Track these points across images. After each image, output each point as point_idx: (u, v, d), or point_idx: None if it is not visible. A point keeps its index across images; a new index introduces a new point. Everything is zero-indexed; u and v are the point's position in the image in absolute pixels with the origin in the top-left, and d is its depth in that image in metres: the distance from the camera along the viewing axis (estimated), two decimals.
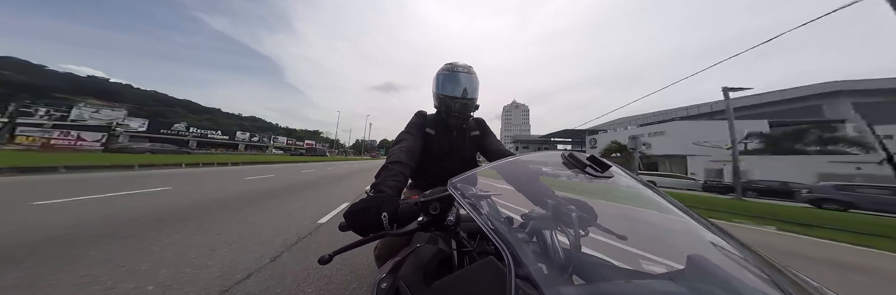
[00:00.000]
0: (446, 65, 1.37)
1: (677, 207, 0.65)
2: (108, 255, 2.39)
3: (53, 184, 5.99)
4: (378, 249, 1.24)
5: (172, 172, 10.33)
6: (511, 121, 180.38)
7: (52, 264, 2.15)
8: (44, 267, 2.10)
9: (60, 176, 7.48)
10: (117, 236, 2.85)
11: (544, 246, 0.64)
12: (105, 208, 3.95)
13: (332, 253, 0.57)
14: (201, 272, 2.17)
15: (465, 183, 0.73)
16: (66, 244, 2.56)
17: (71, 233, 2.86)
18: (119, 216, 3.59)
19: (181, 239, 2.88)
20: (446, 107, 1.34)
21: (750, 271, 0.47)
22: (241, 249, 2.72)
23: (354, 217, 0.65)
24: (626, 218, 0.71)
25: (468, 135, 1.48)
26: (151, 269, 2.18)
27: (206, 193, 5.68)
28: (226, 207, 4.45)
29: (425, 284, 0.59)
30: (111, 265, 2.20)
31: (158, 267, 2.22)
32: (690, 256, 0.51)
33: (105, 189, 5.53)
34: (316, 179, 10.31)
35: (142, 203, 4.42)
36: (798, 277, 0.47)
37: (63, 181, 6.47)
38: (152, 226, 3.27)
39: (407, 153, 1.11)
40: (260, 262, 2.44)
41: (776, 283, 0.44)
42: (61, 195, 4.64)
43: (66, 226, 3.08)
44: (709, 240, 0.56)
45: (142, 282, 1.97)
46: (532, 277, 0.41)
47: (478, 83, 1.36)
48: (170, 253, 2.51)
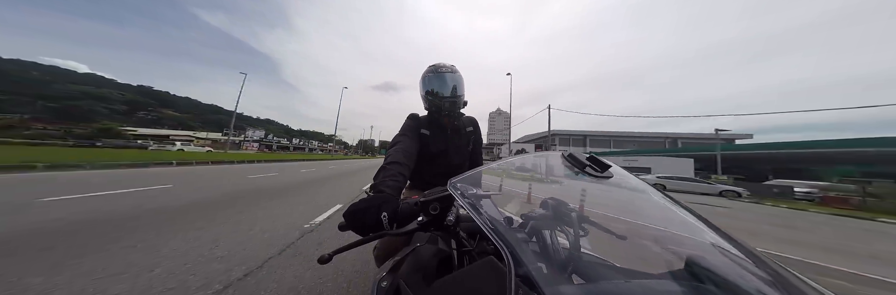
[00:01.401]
0: (430, 67, 1.41)
1: (677, 207, 0.65)
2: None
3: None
4: (378, 248, 1.24)
5: (301, 164, 19.91)
6: (495, 126, 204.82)
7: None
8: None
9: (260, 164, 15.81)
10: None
11: (544, 246, 0.64)
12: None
13: (332, 252, 0.57)
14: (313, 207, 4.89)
15: (464, 183, 0.73)
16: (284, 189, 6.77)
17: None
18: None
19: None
20: (436, 107, 1.37)
21: (749, 272, 0.47)
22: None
23: (354, 217, 0.65)
24: (625, 218, 0.71)
25: (463, 132, 1.51)
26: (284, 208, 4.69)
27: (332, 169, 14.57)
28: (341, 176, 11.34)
29: (425, 283, 0.59)
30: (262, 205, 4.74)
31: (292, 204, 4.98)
32: (690, 256, 0.51)
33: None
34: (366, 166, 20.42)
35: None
36: (797, 277, 0.47)
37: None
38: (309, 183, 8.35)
39: (404, 154, 1.12)
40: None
41: (775, 283, 0.44)
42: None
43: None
44: (708, 240, 0.56)
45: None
46: (532, 277, 0.41)
47: (463, 81, 1.39)
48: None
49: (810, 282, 0.46)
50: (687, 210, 0.64)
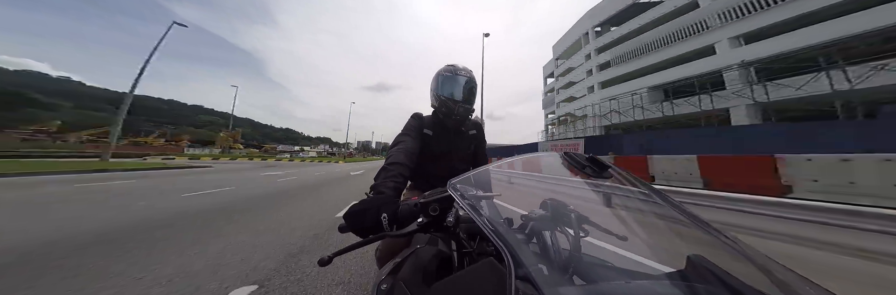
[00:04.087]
0: (449, 66, 1.38)
1: (676, 208, 0.65)
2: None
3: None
4: (379, 250, 1.24)
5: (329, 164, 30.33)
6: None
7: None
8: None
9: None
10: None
11: (544, 247, 0.64)
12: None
13: (332, 254, 0.57)
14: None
15: (464, 184, 0.73)
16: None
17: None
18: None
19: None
20: (447, 109, 1.34)
21: (749, 272, 0.47)
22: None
23: (354, 218, 0.65)
24: (625, 218, 0.71)
25: (466, 134, 1.50)
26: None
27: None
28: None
29: (425, 285, 0.59)
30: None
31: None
32: (690, 257, 0.51)
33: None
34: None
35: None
36: (797, 277, 0.47)
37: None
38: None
39: (405, 154, 1.12)
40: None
41: (775, 283, 0.44)
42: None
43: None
44: (708, 240, 0.56)
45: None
46: (532, 278, 0.41)
47: (477, 88, 1.38)
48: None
49: (810, 281, 0.46)
50: (686, 211, 0.64)
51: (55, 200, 5.30)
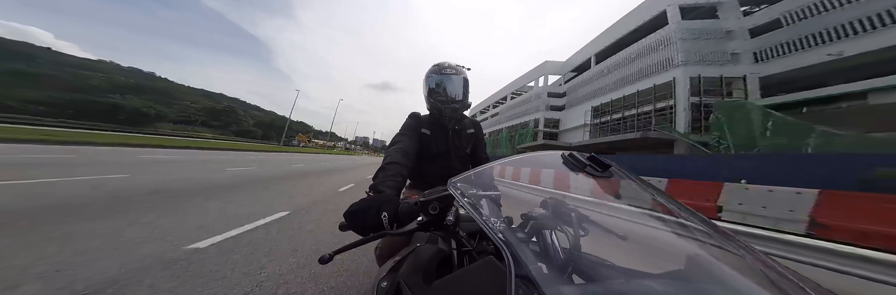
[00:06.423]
0: (434, 66, 1.36)
1: (677, 207, 0.65)
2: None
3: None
4: (379, 248, 1.24)
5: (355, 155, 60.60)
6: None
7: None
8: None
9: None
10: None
11: (544, 245, 0.64)
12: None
13: (333, 252, 0.57)
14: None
15: (464, 182, 0.73)
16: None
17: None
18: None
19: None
20: (437, 110, 1.35)
21: (749, 271, 0.47)
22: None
23: (354, 217, 0.65)
24: (625, 218, 0.71)
25: (464, 133, 1.49)
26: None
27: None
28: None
29: (425, 283, 0.59)
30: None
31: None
32: (690, 256, 0.51)
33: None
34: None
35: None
36: (797, 276, 0.47)
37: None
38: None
39: (403, 154, 1.12)
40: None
41: (775, 282, 0.44)
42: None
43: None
44: (708, 240, 0.56)
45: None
46: (532, 277, 0.41)
47: (468, 83, 1.35)
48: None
49: (810, 280, 0.46)
50: (687, 210, 0.64)
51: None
